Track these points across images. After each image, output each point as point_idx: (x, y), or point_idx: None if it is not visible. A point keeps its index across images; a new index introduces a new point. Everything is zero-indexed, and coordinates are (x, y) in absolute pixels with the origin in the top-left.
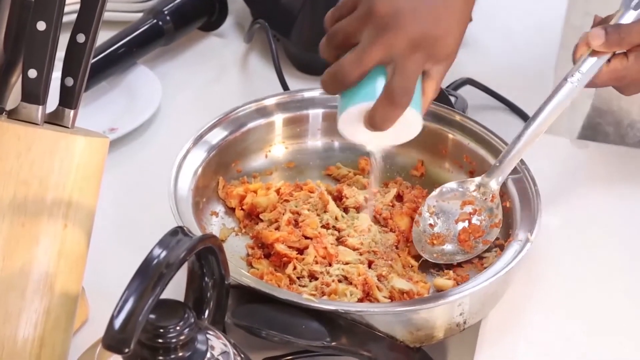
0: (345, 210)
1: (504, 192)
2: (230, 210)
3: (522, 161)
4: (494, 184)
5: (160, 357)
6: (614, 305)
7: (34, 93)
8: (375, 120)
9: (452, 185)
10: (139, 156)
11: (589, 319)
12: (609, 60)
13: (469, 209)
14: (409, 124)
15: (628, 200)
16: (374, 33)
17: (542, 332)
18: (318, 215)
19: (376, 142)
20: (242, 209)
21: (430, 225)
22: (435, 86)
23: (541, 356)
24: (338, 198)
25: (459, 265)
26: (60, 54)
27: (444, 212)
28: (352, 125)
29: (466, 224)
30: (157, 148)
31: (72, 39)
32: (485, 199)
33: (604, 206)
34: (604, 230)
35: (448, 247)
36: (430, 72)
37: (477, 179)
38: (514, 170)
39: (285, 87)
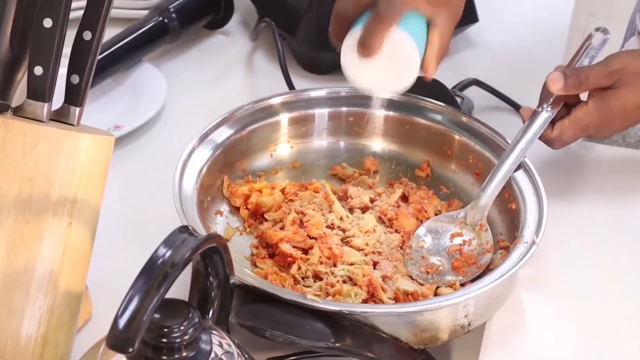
0: (351, 210)
1: (510, 194)
2: (235, 210)
3: (527, 163)
4: (480, 214)
5: (164, 357)
6: (619, 308)
7: (40, 90)
8: (365, 40)
9: (439, 218)
10: (144, 154)
11: (594, 321)
12: (569, 113)
13: (459, 240)
14: (405, 57)
15: (633, 200)
16: None
17: (547, 335)
18: (323, 215)
19: (377, 84)
20: (246, 209)
21: (423, 257)
22: (440, 35)
23: (546, 359)
24: (343, 198)
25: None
26: (66, 50)
27: (435, 245)
28: (352, 61)
29: (458, 254)
30: (162, 146)
31: (79, 36)
32: (474, 228)
33: (610, 208)
34: (610, 233)
35: (442, 274)
36: (434, 20)
37: (462, 212)
38: (525, 167)
39: (291, 86)
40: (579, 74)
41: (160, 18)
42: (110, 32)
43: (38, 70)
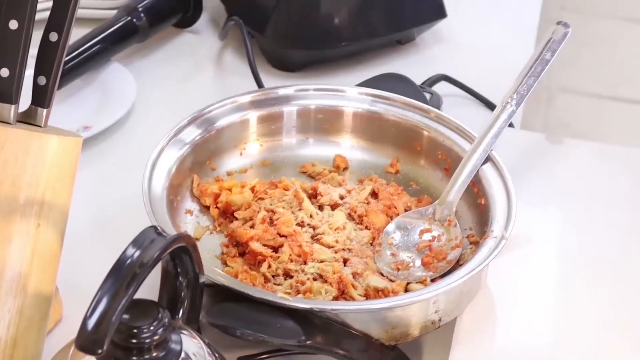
0: (320, 207)
1: (479, 189)
2: (205, 209)
3: (496, 158)
4: (448, 209)
5: (134, 358)
6: (589, 301)
7: (6, 92)
8: None
9: (408, 215)
10: (113, 154)
11: (564, 314)
12: None
13: (428, 236)
14: None
15: (602, 194)
16: None
17: (518, 329)
18: (293, 213)
19: None
20: (216, 207)
21: (393, 254)
22: None
23: (517, 353)
24: (313, 196)
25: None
26: (33, 52)
27: (404, 242)
28: None
29: (427, 250)
30: (132, 146)
31: (45, 38)
32: (442, 224)
33: (579, 201)
34: (579, 226)
35: (412, 270)
36: None
37: (430, 208)
38: (488, 166)
39: (259, 84)
40: None
41: (129, 17)
42: (78, 32)
43: (4, 72)
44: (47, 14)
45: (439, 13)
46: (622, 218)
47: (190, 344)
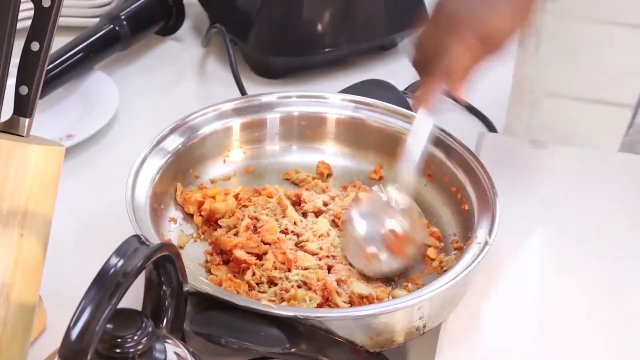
0: (304, 214)
1: (462, 195)
2: (189, 217)
3: (479, 163)
4: (400, 189)
5: None
6: (573, 306)
7: None
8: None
9: (368, 207)
10: (97, 163)
11: (548, 320)
12: None
13: (391, 223)
14: None
15: (585, 200)
16: None
17: (502, 335)
18: (277, 220)
19: None
20: (200, 215)
21: (360, 247)
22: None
23: (501, 358)
24: (297, 203)
25: (417, 271)
26: (15, 61)
27: (369, 233)
28: None
29: (392, 237)
30: (115, 154)
31: (27, 47)
32: (400, 205)
33: (562, 207)
34: (562, 231)
35: (383, 256)
36: None
37: (385, 195)
38: (471, 172)
39: (242, 91)
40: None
41: (111, 26)
42: (61, 41)
43: None
44: (28, 23)
45: (422, 19)
46: (605, 223)
47: (175, 352)
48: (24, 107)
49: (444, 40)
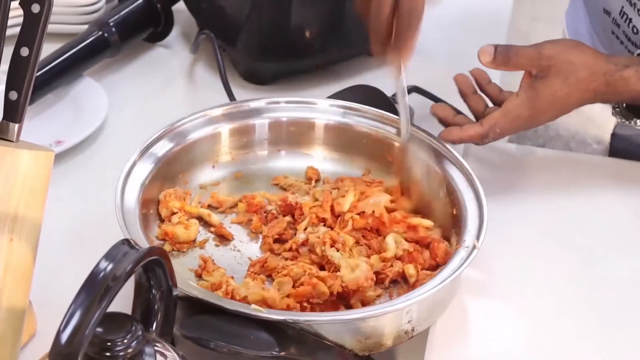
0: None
1: (451, 199)
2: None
3: (467, 167)
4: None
5: None
6: (561, 309)
7: None
8: None
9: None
10: (86, 168)
11: (538, 323)
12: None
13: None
14: None
15: (573, 205)
16: None
17: (491, 338)
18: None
19: None
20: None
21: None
22: None
23: None
24: (286, 210)
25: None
26: (4, 67)
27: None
28: None
29: None
30: (104, 160)
31: (16, 53)
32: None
33: (550, 211)
34: (551, 235)
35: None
36: None
37: None
38: (459, 176)
39: (231, 97)
40: (510, 50)
41: (100, 32)
42: (50, 47)
43: None
44: (18, 29)
45: None
46: (593, 226)
47: (165, 356)
48: (13, 112)
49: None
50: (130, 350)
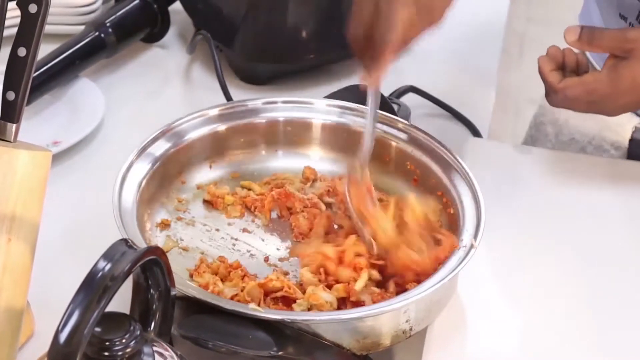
0: None
1: (448, 198)
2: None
3: (464, 167)
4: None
5: None
6: (558, 308)
7: None
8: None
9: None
10: (83, 169)
11: (535, 322)
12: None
13: None
14: None
15: (570, 203)
16: None
17: (489, 337)
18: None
19: None
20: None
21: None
22: None
23: None
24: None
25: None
26: (1, 67)
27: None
28: None
29: None
30: (101, 160)
31: (13, 53)
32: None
33: (548, 211)
34: (548, 235)
35: None
36: None
37: None
38: (457, 176)
39: (228, 97)
40: (595, 31)
41: (97, 33)
42: (47, 48)
43: None
44: (15, 29)
45: None
46: (590, 226)
47: (163, 356)
48: (11, 112)
49: (377, 7)
50: (128, 350)
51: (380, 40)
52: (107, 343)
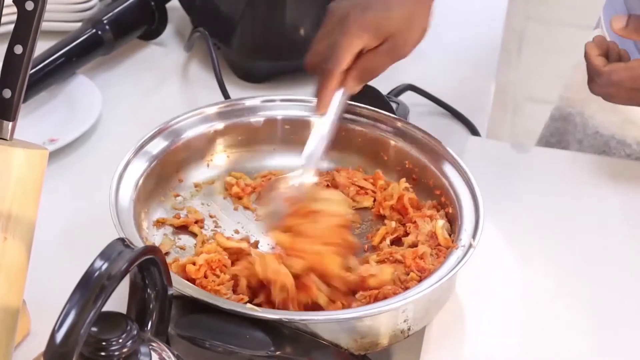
0: None
1: (446, 197)
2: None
3: (463, 166)
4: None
5: None
6: (557, 308)
7: None
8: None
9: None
10: (80, 167)
11: (532, 323)
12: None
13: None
14: None
15: (569, 202)
16: None
17: (487, 337)
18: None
19: None
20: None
21: None
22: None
23: None
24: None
25: None
26: None
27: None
28: None
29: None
30: (98, 158)
31: (10, 50)
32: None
33: (546, 209)
34: (547, 234)
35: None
36: None
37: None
38: (455, 175)
39: (226, 95)
40: None
41: (94, 30)
42: (44, 45)
43: None
44: (11, 27)
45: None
46: (588, 225)
47: (160, 356)
48: (7, 110)
49: (333, 37)
50: (125, 350)
51: (324, 69)
52: (104, 343)
